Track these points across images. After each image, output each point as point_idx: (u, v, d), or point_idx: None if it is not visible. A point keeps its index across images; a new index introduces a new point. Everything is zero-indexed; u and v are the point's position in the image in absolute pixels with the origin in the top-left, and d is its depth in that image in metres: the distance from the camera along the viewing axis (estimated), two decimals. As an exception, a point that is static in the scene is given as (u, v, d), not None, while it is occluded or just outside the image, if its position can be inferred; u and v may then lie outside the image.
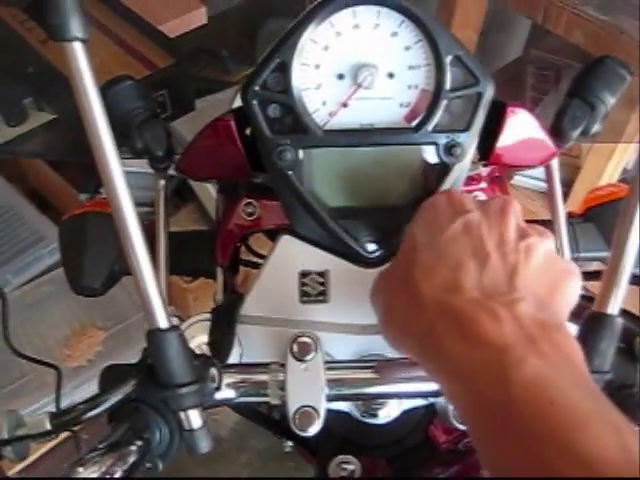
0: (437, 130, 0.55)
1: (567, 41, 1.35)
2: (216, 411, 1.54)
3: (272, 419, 0.69)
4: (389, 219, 0.57)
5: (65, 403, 0.54)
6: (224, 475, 1.77)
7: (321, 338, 0.51)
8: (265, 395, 0.48)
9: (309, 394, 0.46)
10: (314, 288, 0.58)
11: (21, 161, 2.05)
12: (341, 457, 0.62)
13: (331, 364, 0.48)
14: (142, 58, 1.59)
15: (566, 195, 0.73)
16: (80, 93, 0.40)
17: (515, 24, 2.09)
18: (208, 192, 1.61)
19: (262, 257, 0.74)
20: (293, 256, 0.58)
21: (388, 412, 0.56)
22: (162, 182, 0.69)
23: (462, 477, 0.55)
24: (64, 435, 0.45)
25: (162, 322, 0.40)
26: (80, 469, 0.38)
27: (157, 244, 0.68)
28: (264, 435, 1.81)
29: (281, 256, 0.58)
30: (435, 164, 0.55)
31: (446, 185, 0.56)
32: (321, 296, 0.57)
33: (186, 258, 0.71)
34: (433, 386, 0.47)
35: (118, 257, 0.69)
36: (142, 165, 0.70)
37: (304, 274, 0.58)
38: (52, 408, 0.48)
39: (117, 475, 0.39)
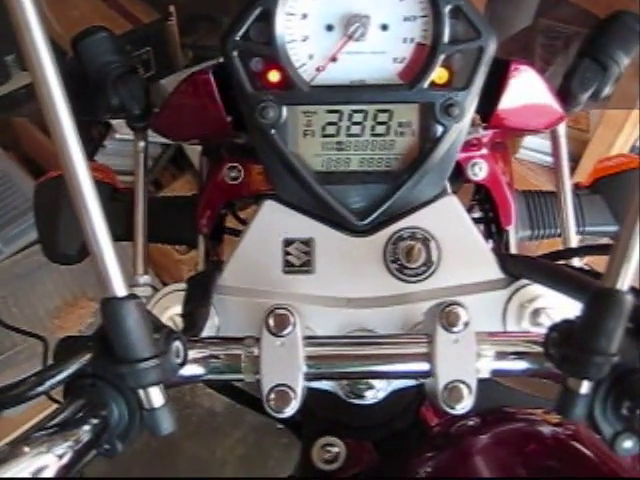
0: (434, 88, 0.50)
1: (577, 8, 1.29)
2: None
3: (254, 397, 0.65)
4: (380, 184, 0.53)
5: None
6: (218, 450, 1.75)
7: (304, 312, 0.46)
8: (238, 372, 0.44)
9: (285, 372, 0.42)
10: (298, 258, 0.53)
11: (14, 127, 2.01)
12: (325, 439, 0.58)
13: (311, 340, 0.44)
14: (125, 12, 1.51)
15: (573, 170, 0.69)
16: (26, 43, 0.34)
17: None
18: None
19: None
20: (276, 223, 0.54)
21: (375, 393, 0.52)
22: (141, 144, 0.65)
23: (454, 463, 0.52)
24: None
25: (119, 290, 0.36)
26: (26, 448, 0.34)
27: (135, 209, 0.64)
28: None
29: (263, 223, 0.54)
30: (431, 125, 0.51)
31: (442, 148, 0.51)
32: (305, 266, 0.53)
33: (167, 225, 0.67)
34: (423, 365, 0.43)
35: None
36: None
37: (288, 242, 0.54)
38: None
39: (67, 456, 0.36)
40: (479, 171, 0.59)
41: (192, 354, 0.43)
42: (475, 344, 0.42)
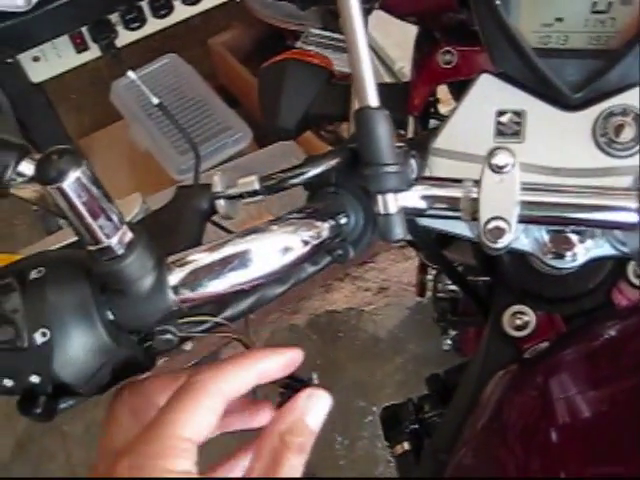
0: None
1: None
2: (376, 311, 1.59)
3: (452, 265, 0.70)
4: (596, 59, 0.55)
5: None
6: (378, 374, 1.83)
7: None
8: (456, 210, 0.48)
9: (502, 206, 0.46)
10: (509, 127, 0.57)
11: (212, 58, 2.16)
12: (517, 307, 0.62)
13: (527, 184, 0.47)
14: None
15: None
16: None
17: None
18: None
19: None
20: (490, 94, 0.57)
21: (574, 257, 0.55)
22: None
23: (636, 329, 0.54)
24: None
25: (372, 100, 0.41)
26: (274, 227, 0.41)
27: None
28: (422, 340, 1.85)
29: (478, 94, 0.58)
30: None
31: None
32: (516, 136, 0.57)
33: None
34: (632, 216, 0.46)
35: (314, 101, 0.72)
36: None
37: (500, 113, 0.57)
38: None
39: (309, 246, 0.42)
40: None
41: (417, 189, 0.48)
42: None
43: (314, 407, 0.41)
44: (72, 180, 0.35)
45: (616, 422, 0.51)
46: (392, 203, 0.43)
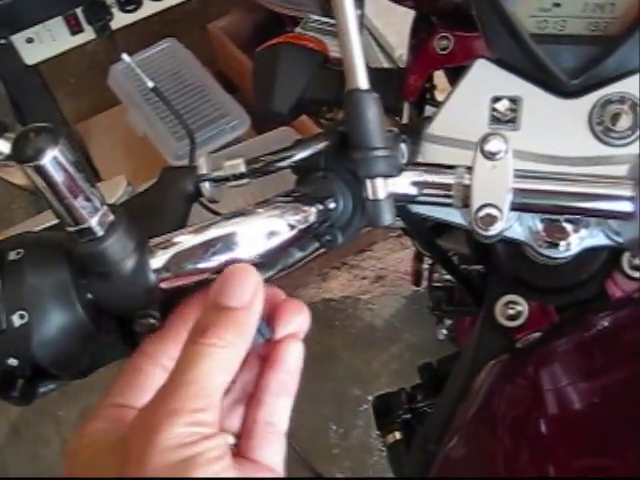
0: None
1: None
2: (372, 300, 1.59)
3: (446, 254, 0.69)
4: (594, 45, 0.54)
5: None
6: (374, 363, 1.82)
7: None
8: (448, 197, 0.48)
9: (494, 193, 0.45)
10: (504, 115, 0.56)
11: (212, 44, 2.15)
12: (509, 297, 0.61)
13: (519, 171, 0.47)
14: None
15: None
16: None
17: None
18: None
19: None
20: (486, 80, 0.57)
21: (568, 245, 0.54)
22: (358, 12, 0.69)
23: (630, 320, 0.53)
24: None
25: (362, 82, 0.41)
26: (260, 210, 0.40)
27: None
28: (418, 330, 1.85)
29: (474, 80, 0.57)
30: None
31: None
32: (511, 123, 0.56)
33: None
34: (626, 206, 0.45)
35: (308, 85, 0.71)
36: None
37: (496, 99, 0.56)
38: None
39: (296, 230, 0.41)
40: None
41: (408, 175, 0.47)
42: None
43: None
44: (49, 158, 0.34)
45: (606, 414, 0.51)
46: (381, 188, 0.42)
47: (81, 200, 0.36)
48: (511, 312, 0.61)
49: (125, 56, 1.41)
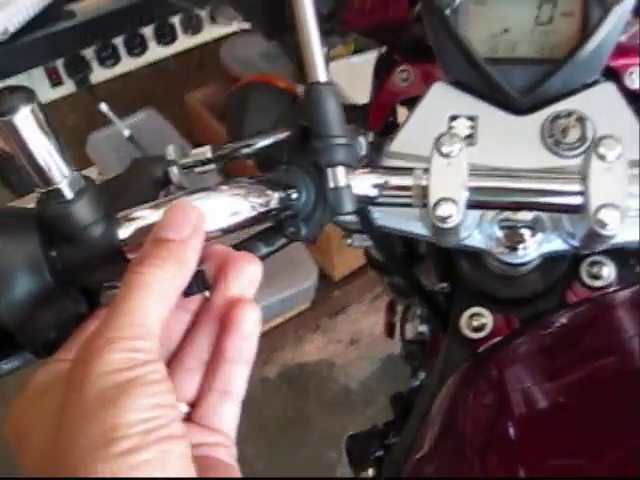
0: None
1: None
2: (347, 363, 1.58)
3: (404, 263, 0.71)
4: (542, 66, 0.58)
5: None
6: (350, 426, 1.80)
7: None
8: (407, 197, 0.50)
9: (450, 187, 0.48)
10: (462, 132, 0.59)
11: (190, 116, 2.21)
12: (474, 309, 0.63)
13: (474, 169, 0.50)
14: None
15: None
16: None
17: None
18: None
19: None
20: (444, 101, 0.60)
21: (526, 249, 0.57)
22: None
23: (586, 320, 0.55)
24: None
25: (322, 75, 0.44)
26: (224, 187, 0.42)
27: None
28: (394, 391, 1.83)
29: (432, 101, 0.61)
30: (592, 10, 0.56)
31: (602, 32, 0.56)
32: (468, 139, 0.59)
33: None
34: (576, 200, 0.48)
35: (277, 122, 0.75)
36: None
37: (453, 117, 0.60)
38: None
39: (256, 210, 0.43)
40: (636, 79, 0.63)
41: (369, 178, 0.50)
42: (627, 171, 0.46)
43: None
44: (23, 115, 0.36)
45: (573, 413, 0.52)
46: (342, 176, 0.45)
47: (52, 162, 0.38)
48: (476, 324, 0.62)
49: (103, 105, 1.47)
